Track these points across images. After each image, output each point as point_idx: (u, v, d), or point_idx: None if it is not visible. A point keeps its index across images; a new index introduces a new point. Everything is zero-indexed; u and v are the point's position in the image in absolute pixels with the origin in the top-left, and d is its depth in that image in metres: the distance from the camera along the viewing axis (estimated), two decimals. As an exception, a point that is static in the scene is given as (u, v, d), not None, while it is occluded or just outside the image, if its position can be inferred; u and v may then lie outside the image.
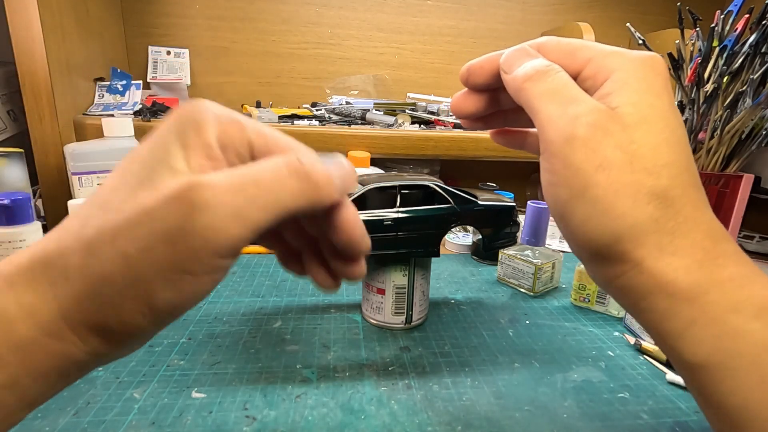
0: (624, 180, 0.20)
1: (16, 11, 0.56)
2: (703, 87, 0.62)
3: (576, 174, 0.21)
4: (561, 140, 0.21)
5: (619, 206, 0.20)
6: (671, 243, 0.20)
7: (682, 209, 0.20)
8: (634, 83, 0.21)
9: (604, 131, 0.20)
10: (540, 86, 0.22)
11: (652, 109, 0.21)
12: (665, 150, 0.20)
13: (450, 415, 0.30)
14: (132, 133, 0.63)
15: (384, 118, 0.78)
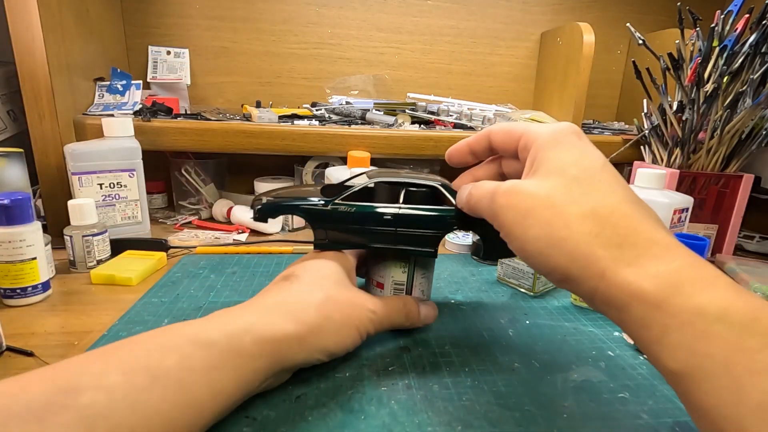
0: (549, 214, 0.24)
1: (16, 11, 0.56)
2: (703, 87, 0.62)
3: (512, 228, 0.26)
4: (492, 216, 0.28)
5: (557, 233, 0.24)
6: (623, 254, 0.22)
7: (620, 222, 0.23)
8: (548, 145, 0.27)
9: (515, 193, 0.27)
10: (474, 198, 0.31)
11: (560, 160, 0.26)
12: (578, 185, 0.25)
13: (450, 415, 0.30)
14: (132, 133, 0.63)
15: (384, 118, 0.78)
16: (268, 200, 0.38)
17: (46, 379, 0.22)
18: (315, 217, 0.38)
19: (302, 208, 0.38)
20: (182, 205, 0.79)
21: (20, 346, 0.36)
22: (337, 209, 0.37)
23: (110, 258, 0.54)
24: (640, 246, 0.22)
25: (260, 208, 0.38)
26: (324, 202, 0.37)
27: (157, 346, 0.26)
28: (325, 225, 0.38)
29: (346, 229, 0.38)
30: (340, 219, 0.37)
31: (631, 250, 0.22)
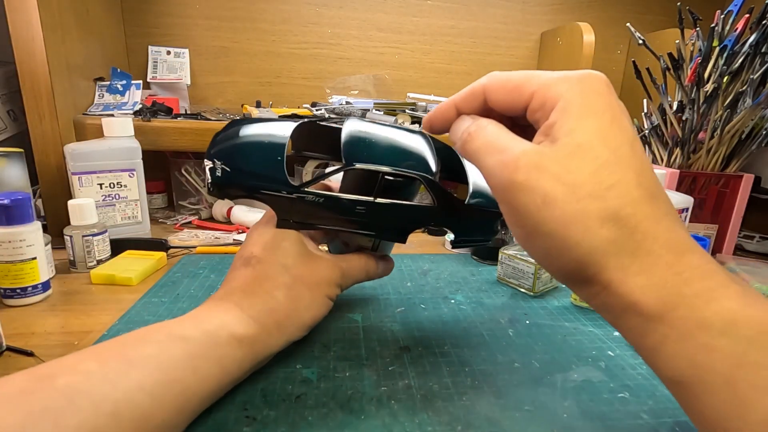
0: (570, 210, 0.21)
1: (16, 11, 0.56)
2: (703, 87, 0.62)
3: (524, 216, 0.22)
4: (502, 189, 0.23)
5: (573, 236, 0.21)
6: (634, 263, 0.21)
7: (639, 226, 0.21)
8: (573, 110, 0.22)
9: (537, 170, 0.21)
10: (475, 144, 0.24)
11: (589, 133, 0.21)
12: (606, 172, 0.21)
13: (450, 415, 0.30)
14: (132, 133, 0.63)
15: (384, 118, 0.78)
16: (222, 170, 0.32)
17: (27, 372, 0.23)
18: (277, 205, 0.34)
19: (263, 194, 0.33)
20: (182, 205, 0.79)
21: (20, 346, 0.36)
22: (304, 198, 0.33)
23: (110, 258, 0.54)
24: (655, 253, 0.21)
25: (213, 182, 0.33)
26: (288, 189, 0.33)
27: (132, 340, 0.26)
28: (289, 212, 0.34)
29: (313, 217, 0.35)
30: (305, 208, 0.34)
31: (644, 258, 0.21)
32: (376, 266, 0.40)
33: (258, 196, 0.33)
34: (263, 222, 0.37)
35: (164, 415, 0.24)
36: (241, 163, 0.33)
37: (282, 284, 0.33)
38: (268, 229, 0.35)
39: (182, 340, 0.27)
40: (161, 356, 0.25)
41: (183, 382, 0.25)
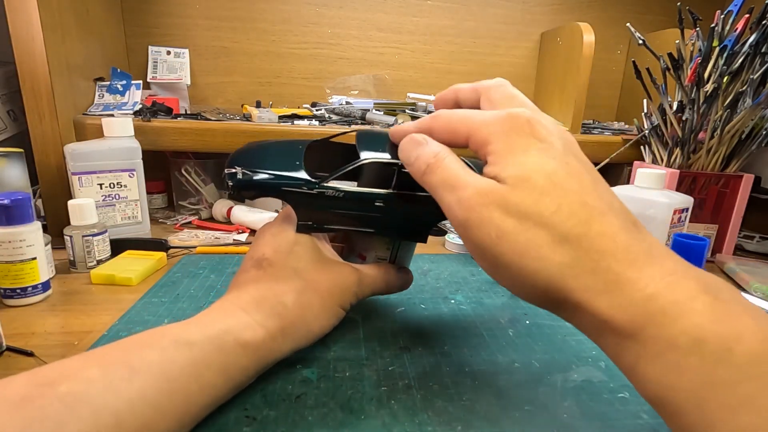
0: (521, 241, 0.22)
1: (16, 11, 0.56)
2: (703, 87, 0.62)
3: (483, 250, 0.23)
4: (460, 226, 0.24)
5: (529, 265, 0.22)
6: (596, 282, 0.21)
7: (593, 244, 0.21)
8: (502, 150, 0.23)
9: (488, 207, 0.23)
10: (433, 178, 0.25)
11: (522, 167, 0.23)
12: (547, 199, 0.22)
13: (450, 415, 0.30)
14: (132, 133, 0.63)
15: (384, 118, 0.78)
16: (243, 173, 0.33)
17: (27, 377, 0.22)
18: (298, 201, 0.34)
19: (284, 191, 0.33)
20: (182, 205, 0.79)
21: (20, 346, 0.36)
22: (324, 193, 0.33)
23: (110, 258, 0.54)
24: (613, 270, 0.21)
25: (234, 185, 0.33)
26: (309, 185, 0.33)
27: (136, 344, 0.26)
28: (309, 209, 0.34)
29: (333, 214, 0.34)
30: (326, 204, 0.34)
31: (604, 275, 0.21)
32: (396, 277, 0.39)
33: (278, 195, 0.33)
34: (277, 222, 0.36)
35: (166, 424, 0.24)
36: (262, 165, 0.34)
37: (292, 289, 0.32)
38: (282, 231, 0.34)
39: (186, 346, 0.26)
40: (164, 363, 0.25)
41: (186, 391, 0.25)
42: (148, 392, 0.23)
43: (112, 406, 0.22)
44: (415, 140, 0.27)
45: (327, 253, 0.36)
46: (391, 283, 0.38)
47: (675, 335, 0.19)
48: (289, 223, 0.35)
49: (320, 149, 0.37)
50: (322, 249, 0.35)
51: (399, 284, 0.39)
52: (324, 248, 0.36)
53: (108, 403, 0.22)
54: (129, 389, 0.23)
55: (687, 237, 0.47)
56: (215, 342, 0.27)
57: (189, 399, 0.25)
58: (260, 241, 0.35)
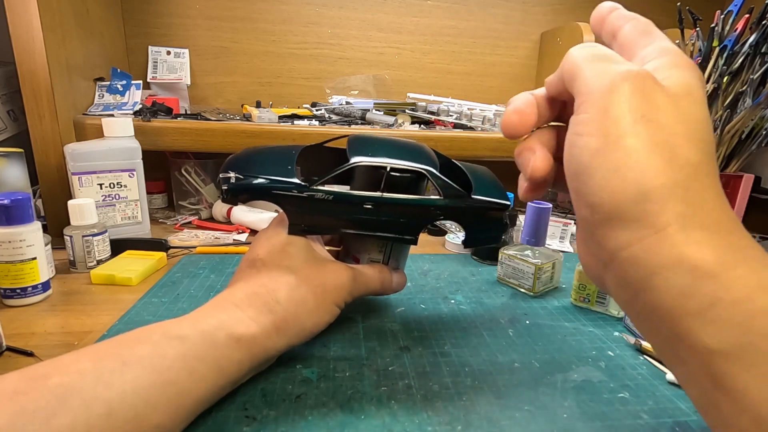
0: (664, 137, 0.19)
1: (16, 11, 0.56)
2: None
3: (615, 122, 0.20)
4: (605, 89, 0.20)
5: (654, 162, 0.19)
6: (697, 215, 0.19)
7: (710, 188, 0.19)
8: (684, 67, 0.21)
9: (651, 87, 0.20)
10: (586, 52, 0.22)
11: (695, 88, 0.21)
12: (704, 127, 0.20)
13: (450, 415, 0.30)
14: (132, 133, 0.63)
15: (384, 118, 0.78)
16: (237, 178, 0.34)
17: (21, 372, 0.23)
18: (289, 204, 0.34)
19: (275, 195, 0.34)
20: (182, 205, 0.79)
21: (20, 346, 0.36)
22: (314, 196, 0.34)
23: (110, 258, 0.54)
24: (718, 214, 0.19)
25: (228, 189, 0.34)
26: (299, 189, 0.34)
27: (128, 340, 0.26)
28: (300, 212, 0.35)
29: (324, 216, 0.35)
30: (316, 206, 0.34)
31: (710, 214, 0.19)
32: (390, 278, 0.39)
33: (270, 198, 0.34)
34: (272, 226, 0.37)
35: (159, 417, 0.24)
36: (255, 170, 0.35)
37: (285, 284, 0.32)
38: (276, 233, 0.35)
39: (178, 340, 0.26)
40: (156, 357, 0.25)
41: (178, 384, 0.25)
42: (140, 384, 0.23)
43: (103, 397, 0.22)
44: None
45: (321, 253, 0.36)
46: (386, 283, 0.39)
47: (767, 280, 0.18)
48: (283, 226, 0.36)
49: (315, 154, 0.38)
50: (316, 249, 0.36)
51: (394, 285, 0.40)
52: (317, 248, 0.36)
53: (99, 395, 0.22)
54: (121, 381, 0.23)
55: None
56: (207, 336, 0.27)
57: (181, 392, 0.25)
58: (255, 244, 0.36)
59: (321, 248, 0.37)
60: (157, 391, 0.24)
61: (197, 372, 0.26)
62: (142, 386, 0.24)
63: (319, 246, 0.37)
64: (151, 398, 0.24)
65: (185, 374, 0.25)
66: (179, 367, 0.25)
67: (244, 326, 0.29)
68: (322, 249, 0.37)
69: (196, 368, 0.26)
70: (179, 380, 0.25)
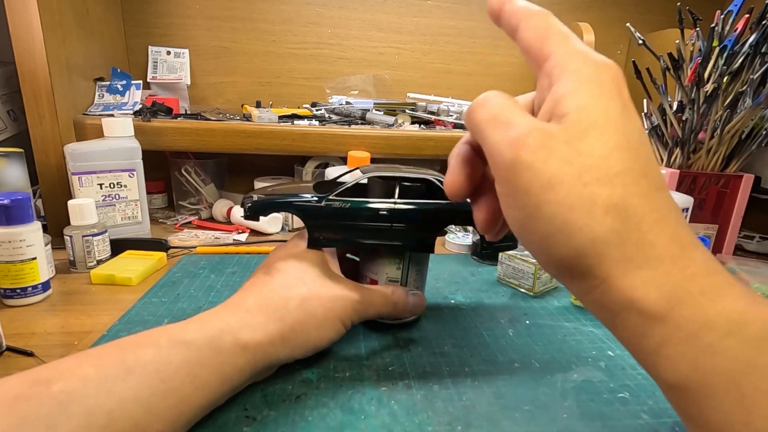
0: (576, 194, 0.19)
1: (16, 11, 0.56)
2: (703, 87, 0.62)
3: (526, 197, 0.20)
4: (506, 167, 0.21)
5: (575, 221, 0.19)
6: (636, 255, 0.19)
7: (645, 218, 0.20)
8: (586, 86, 0.21)
9: (546, 150, 0.20)
10: (481, 114, 0.22)
11: (603, 115, 0.20)
12: (618, 158, 0.20)
13: (450, 415, 0.30)
14: (132, 133, 0.63)
15: (384, 118, 0.78)
16: (259, 197, 0.37)
17: (23, 375, 0.22)
18: (308, 214, 0.36)
19: (295, 205, 0.36)
20: (182, 205, 0.79)
21: (20, 346, 0.36)
22: (331, 205, 0.36)
23: (110, 258, 0.54)
24: (659, 246, 0.19)
25: (251, 206, 0.37)
26: (317, 199, 0.36)
27: (132, 344, 0.26)
28: (319, 222, 0.37)
29: (341, 226, 0.37)
30: (334, 215, 0.36)
31: (647, 250, 0.19)
32: (405, 300, 0.38)
33: (291, 209, 0.36)
34: (292, 240, 0.38)
35: (159, 424, 0.24)
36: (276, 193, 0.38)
37: (297, 295, 0.32)
38: (295, 246, 0.37)
39: (183, 346, 0.26)
40: (160, 363, 0.25)
41: (181, 391, 0.25)
42: (142, 393, 0.23)
43: (105, 406, 0.22)
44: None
45: (335, 270, 0.37)
46: (399, 306, 0.38)
47: (713, 316, 0.18)
48: (303, 239, 0.37)
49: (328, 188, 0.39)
50: (331, 267, 0.37)
51: (410, 308, 0.39)
52: (333, 267, 0.37)
53: (101, 403, 0.22)
54: (123, 389, 0.23)
55: None
56: (213, 342, 0.27)
57: (183, 400, 0.25)
58: (274, 253, 0.37)
59: (336, 268, 0.38)
60: (159, 399, 0.24)
61: (200, 378, 0.26)
62: (145, 394, 0.23)
63: (334, 265, 0.38)
64: (152, 406, 0.24)
65: (188, 381, 0.25)
66: (183, 374, 0.25)
67: (250, 332, 0.29)
68: (337, 269, 0.38)
69: (199, 374, 0.26)
70: (182, 387, 0.25)
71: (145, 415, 0.23)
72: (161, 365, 0.25)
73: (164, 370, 0.25)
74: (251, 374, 0.29)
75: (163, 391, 0.24)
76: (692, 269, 0.19)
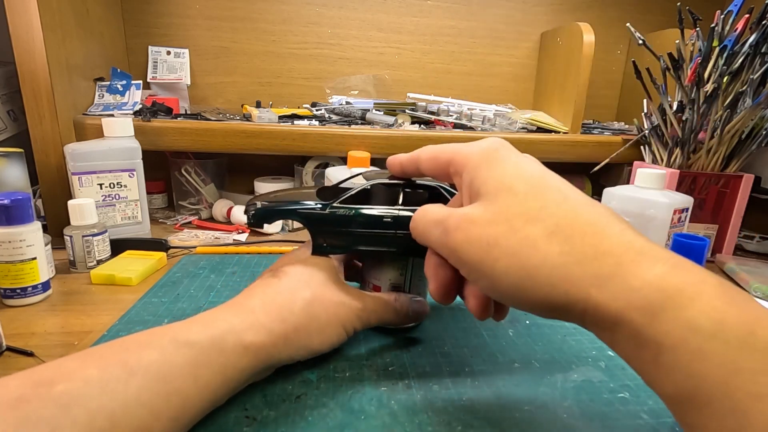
0: (514, 241, 0.22)
1: (16, 11, 0.56)
2: (703, 87, 0.62)
3: (479, 267, 0.24)
4: (451, 254, 0.26)
5: (528, 261, 0.22)
6: (602, 268, 0.20)
7: (587, 231, 0.21)
8: (482, 166, 0.26)
9: (471, 224, 0.24)
10: (419, 229, 0.29)
11: (501, 177, 0.24)
12: (531, 199, 0.23)
13: (450, 415, 0.30)
14: (132, 133, 0.63)
15: (384, 118, 0.78)
16: (262, 204, 0.37)
17: (24, 376, 0.22)
18: (312, 222, 0.36)
19: (299, 213, 0.36)
20: (182, 205, 0.79)
21: (20, 346, 0.36)
22: (335, 212, 0.36)
23: (110, 258, 0.54)
24: (616, 253, 0.20)
25: (254, 213, 0.37)
26: (321, 206, 0.36)
27: (135, 344, 0.26)
28: (323, 229, 0.37)
29: (345, 234, 0.37)
30: (338, 222, 0.36)
31: (607, 259, 0.20)
32: (407, 307, 0.38)
33: (295, 216, 0.37)
34: (300, 249, 0.39)
35: (161, 426, 0.24)
36: (280, 200, 0.38)
37: (302, 298, 0.32)
38: (302, 252, 0.37)
39: (187, 347, 0.26)
40: (163, 364, 0.25)
41: (183, 393, 0.25)
42: (145, 394, 0.23)
43: (107, 408, 0.22)
44: None
45: (340, 278, 0.37)
46: (401, 313, 0.38)
47: (695, 317, 0.18)
48: (309, 247, 0.38)
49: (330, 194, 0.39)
50: (339, 273, 0.37)
51: (412, 315, 0.39)
52: (340, 274, 0.38)
53: (104, 405, 0.22)
54: (126, 391, 0.23)
55: (687, 237, 0.47)
56: (216, 342, 0.27)
57: (186, 400, 0.25)
58: (282, 258, 0.38)
59: (341, 275, 0.38)
60: (162, 400, 0.24)
61: (203, 379, 0.26)
62: (147, 396, 0.23)
63: (341, 273, 0.39)
64: (155, 408, 0.24)
65: (191, 382, 0.25)
66: (186, 375, 0.25)
67: (254, 332, 0.29)
68: (342, 276, 0.38)
69: (202, 375, 0.26)
70: (185, 389, 0.25)
71: (148, 417, 0.23)
72: (164, 366, 0.25)
73: (167, 371, 0.25)
74: (252, 375, 0.30)
75: (166, 393, 0.24)
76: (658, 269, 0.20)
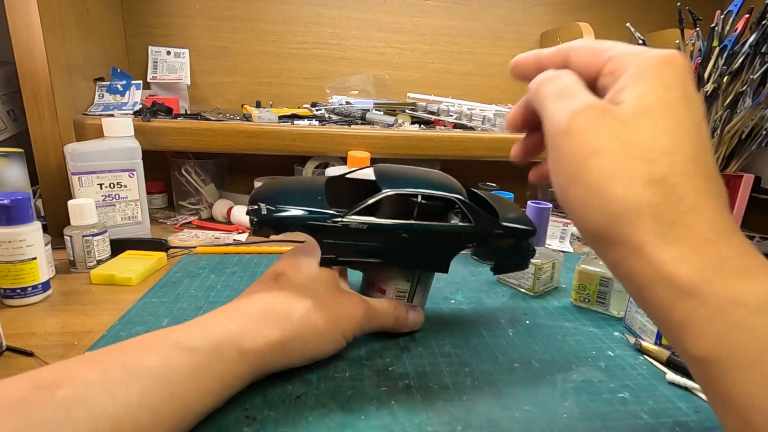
0: (618, 165, 0.21)
1: (16, 11, 0.56)
2: (703, 87, 0.62)
3: (570, 162, 0.22)
4: (558, 133, 0.22)
5: (614, 190, 0.20)
6: (671, 231, 0.20)
7: (685, 198, 0.20)
8: (645, 77, 0.22)
9: (597, 121, 0.21)
10: (548, 88, 0.24)
11: (658, 101, 0.21)
12: (666, 139, 0.21)
13: (450, 415, 0.30)
14: (132, 133, 0.63)
15: (384, 118, 0.78)
16: (267, 209, 0.34)
17: (25, 378, 0.22)
18: (323, 235, 0.34)
19: (308, 225, 0.34)
20: (182, 205, 0.79)
21: (20, 346, 0.36)
22: (348, 226, 0.34)
23: (110, 258, 0.54)
24: (695, 226, 0.20)
25: (258, 220, 0.34)
26: (333, 219, 0.34)
27: (136, 348, 0.26)
28: (335, 243, 0.35)
29: (357, 246, 0.35)
30: (350, 236, 0.34)
31: (683, 228, 0.20)
32: (406, 315, 0.38)
33: (304, 229, 0.34)
34: (303, 249, 0.37)
35: (163, 429, 0.24)
36: (284, 201, 0.35)
37: (301, 306, 0.32)
38: (306, 257, 0.36)
39: (188, 353, 0.26)
40: (164, 369, 0.25)
41: (184, 397, 0.25)
42: (147, 398, 0.23)
43: (110, 412, 0.22)
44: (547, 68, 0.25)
45: (342, 285, 0.37)
46: (400, 320, 0.38)
47: (742, 293, 0.18)
48: (315, 249, 0.36)
49: (337, 185, 0.38)
50: (340, 282, 0.36)
51: (409, 323, 0.39)
52: (342, 282, 0.37)
53: (106, 409, 0.22)
54: (127, 394, 0.23)
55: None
56: (215, 348, 0.27)
57: (186, 405, 0.25)
58: (283, 259, 0.36)
59: (343, 280, 0.38)
60: (163, 404, 0.24)
61: (202, 384, 0.26)
62: (149, 400, 0.24)
63: (343, 281, 0.38)
64: (157, 411, 0.24)
65: (192, 386, 0.26)
66: (187, 380, 0.25)
67: (251, 340, 0.29)
68: (344, 281, 0.38)
69: (202, 380, 0.26)
70: (186, 393, 0.25)
71: (150, 420, 0.23)
72: (165, 371, 0.25)
73: (168, 375, 0.25)
74: (249, 380, 0.30)
75: (168, 397, 0.24)
76: (726, 252, 0.20)
